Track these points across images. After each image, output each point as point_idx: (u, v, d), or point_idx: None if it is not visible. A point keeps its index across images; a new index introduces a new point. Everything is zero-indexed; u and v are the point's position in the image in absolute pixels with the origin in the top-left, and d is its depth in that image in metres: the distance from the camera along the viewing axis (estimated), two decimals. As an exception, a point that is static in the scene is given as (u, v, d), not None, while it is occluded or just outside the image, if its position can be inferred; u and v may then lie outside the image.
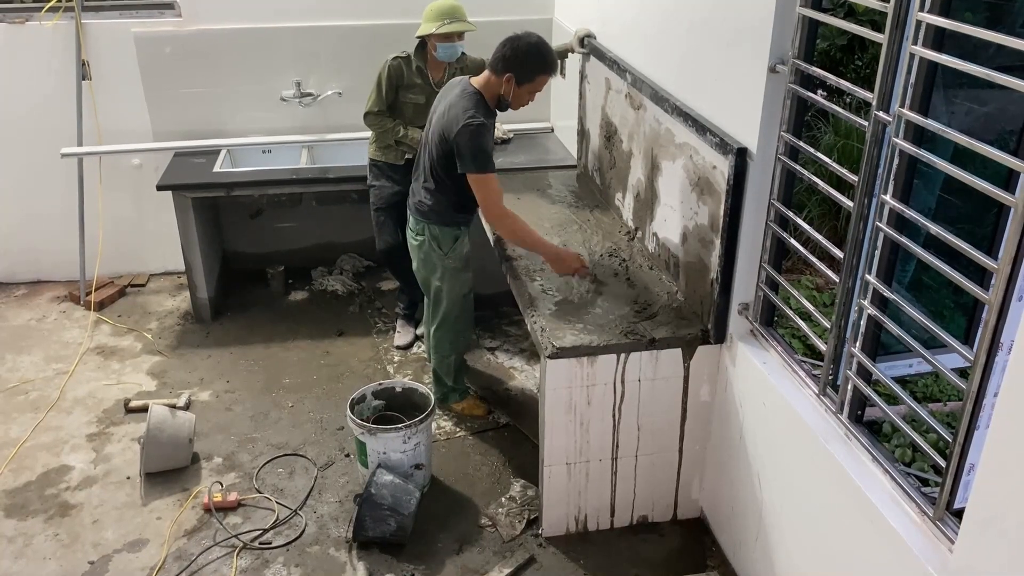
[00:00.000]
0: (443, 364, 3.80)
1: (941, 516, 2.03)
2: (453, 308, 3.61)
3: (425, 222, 3.43)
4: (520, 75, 3.16)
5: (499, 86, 3.19)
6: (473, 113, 3.12)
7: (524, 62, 3.14)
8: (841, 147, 5.06)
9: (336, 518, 3.34)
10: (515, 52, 3.14)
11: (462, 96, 3.19)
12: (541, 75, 3.20)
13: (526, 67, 3.15)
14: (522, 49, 3.14)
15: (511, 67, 3.14)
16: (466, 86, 3.24)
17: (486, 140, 3.14)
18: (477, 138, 3.10)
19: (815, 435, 2.45)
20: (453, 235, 3.47)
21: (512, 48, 3.14)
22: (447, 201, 3.39)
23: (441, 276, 3.53)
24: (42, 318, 4.76)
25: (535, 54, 3.16)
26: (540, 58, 3.18)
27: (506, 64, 3.15)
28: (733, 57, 2.71)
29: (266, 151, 4.80)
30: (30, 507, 3.39)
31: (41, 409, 3.97)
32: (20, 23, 4.50)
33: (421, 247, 3.50)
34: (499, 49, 3.17)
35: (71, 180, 4.74)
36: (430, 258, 3.49)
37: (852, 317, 2.38)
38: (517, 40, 3.15)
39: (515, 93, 3.20)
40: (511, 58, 3.14)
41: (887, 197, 2.16)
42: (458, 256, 3.51)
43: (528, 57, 3.15)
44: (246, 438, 3.78)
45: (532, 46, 3.15)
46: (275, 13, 4.64)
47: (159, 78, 4.66)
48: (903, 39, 2.04)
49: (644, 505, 3.28)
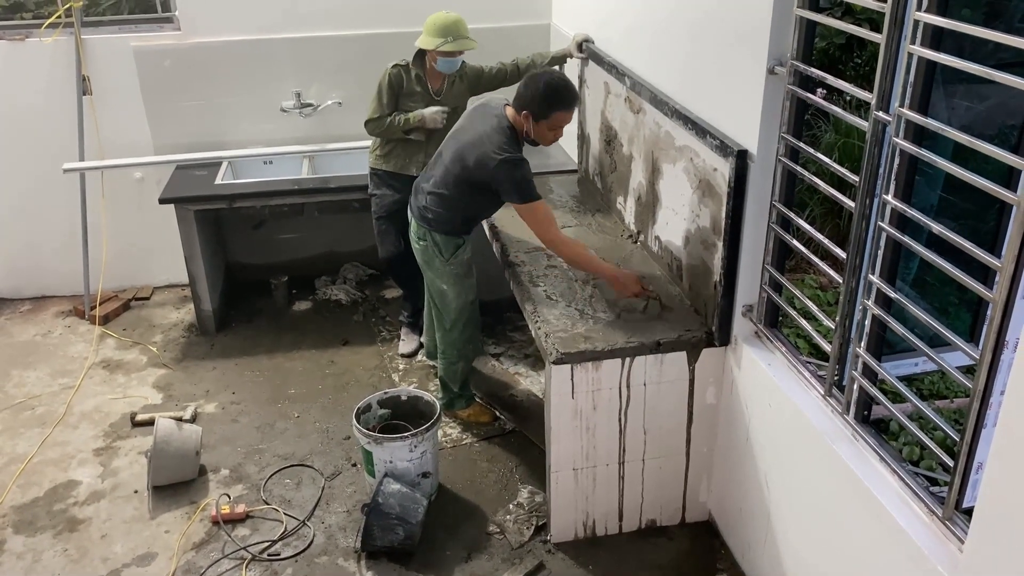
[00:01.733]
0: (450, 370, 3.79)
1: (950, 515, 2.03)
2: (460, 314, 3.62)
3: (427, 228, 3.46)
4: (537, 112, 3.16)
5: (520, 123, 3.23)
6: (507, 148, 3.16)
7: (540, 99, 3.14)
8: (842, 146, 5.06)
9: (344, 528, 3.34)
10: (529, 89, 3.17)
11: (497, 131, 3.21)
12: (558, 112, 3.18)
13: (542, 104, 3.15)
14: (537, 86, 3.15)
15: (527, 104, 3.17)
16: (502, 118, 3.25)
17: (525, 171, 3.19)
18: (516, 171, 3.16)
19: (822, 436, 2.44)
20: (455, 244, 3.49)
21: (528, 85, 3.18)
22: (454, 216, 3.43)
23: (445, 281, 3.55)
24: (47, 333, 4.77)
25: (550, 91, 3.15)
26: (555, 94, 3.16)
27: (521, 102, 3.19)
28: (732, 59, 2.72)
29: (267, 162, 4.81)
30: (38, 523, 3.39)
31: (48, 424, 3.98)
32: (20, 40, 4.52)
33: (425, 251, 3.53)
34: (521, 87, 3.22)
35: (74, 195, 4.75)
36: (433, 263, 3.52)
37: (856, 317, 2.37)
38: (536, 77, 3.19)
39: (535, 130, 3.22)
40: (525, 95, 3.17)
41: (888, 197, 2.16)
42: (460, 263, 3.53)
43: (543, 94, 3.14)
44: (253, 449, 3.79)
45: (548, 83, 3.15)
46: (274, 24, 4.65)
47: (159, 91, 4.67)
48: (901, 38, 2.04)
49: (652, 509, 3.27)
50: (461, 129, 3.39)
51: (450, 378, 3.82)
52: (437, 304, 3.66)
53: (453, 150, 3.35)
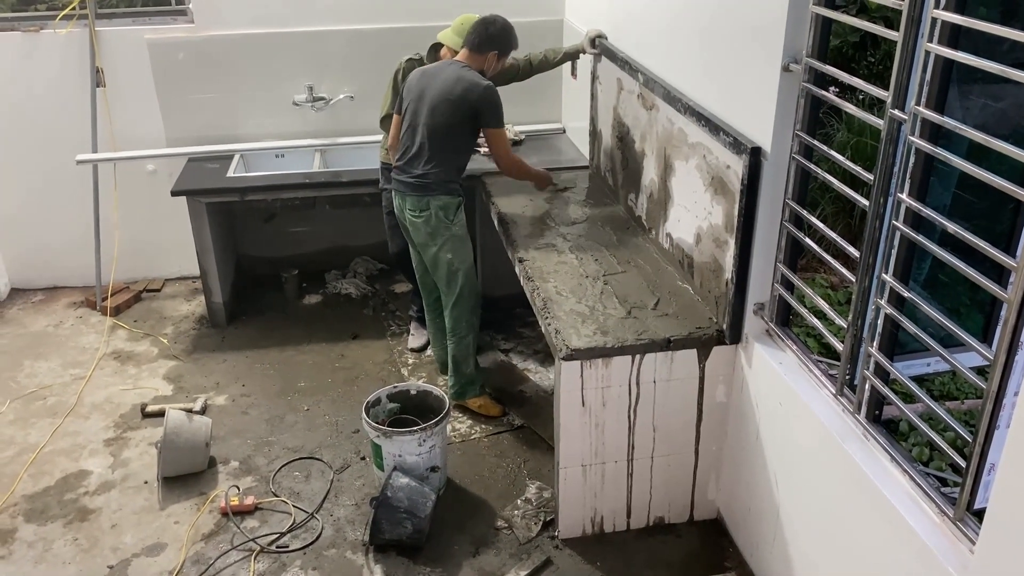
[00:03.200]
0: (461, 345, 3.82)
1: (961, 516, 2.02)
2: (467, 280, 3.72)
3: (429, 196, 3.60)
4: (503, 48, 3.63)
5: (482, 62, 3.60)
6: (483, 78, 3.53)
7: (506, 36, 3.62)
8: (854, 144, 5.04)
9: (352, 521, 3.35)
10: (500, 32, 3.60)
11: (465, 69, 3.55)
12: (514, 49, 3.70)
13: (509, 40, 3.64)
14: (502, 28, 3.60)
15: (497, 45, 3.60)
16: (461, 64, 3.58)
17: (500, 99, 3.55)
18: (496, 96, 3.52)
19: (832, 435, 2.43)
20: (456, 203, 3.66)
21: (497, 30, 3.59)
22: (449, 168, 3.61)
23: (452, 247, 3.66)
24: (59, 324, 4.79)
25: (511, 32, 3.64)
26: (514, 35, 3.66)
27: (492, 42, 3.59)
28: (746, 56, 2.70)
29: (279, 155, 4.82)
30: (50, 512, 3.41)
31: (59, 414, 4.00)
32: (35, 31, 4.54)
33: (428, 222, 3.63)
34: (482, 32, 3.58)
35: (86, 187, 4.77)
36: (438, 230, 3.63)
37: (869, 316, 2.36)
38: (493, 21, 3.60)
39: (497, 67, 3.66)
40: (497, 37, 3.59)
41: (903, 196, 2.15)
42: (461, 224, 3.69)
43: (508, 35, 3.63)
44: (262, 442, 3.80)
45: (507, 25, 3.63)
46: (287, 18, 4.66)
47: (172, 84, 4.68)
48: (918, 36, 2.03)
49: (660, 506, 3.27)
50: (423, 92, 3.57)
51: (462, 356, 3.84)
52: (442, 279, 3.75)
53: (429, 107, 3.54)
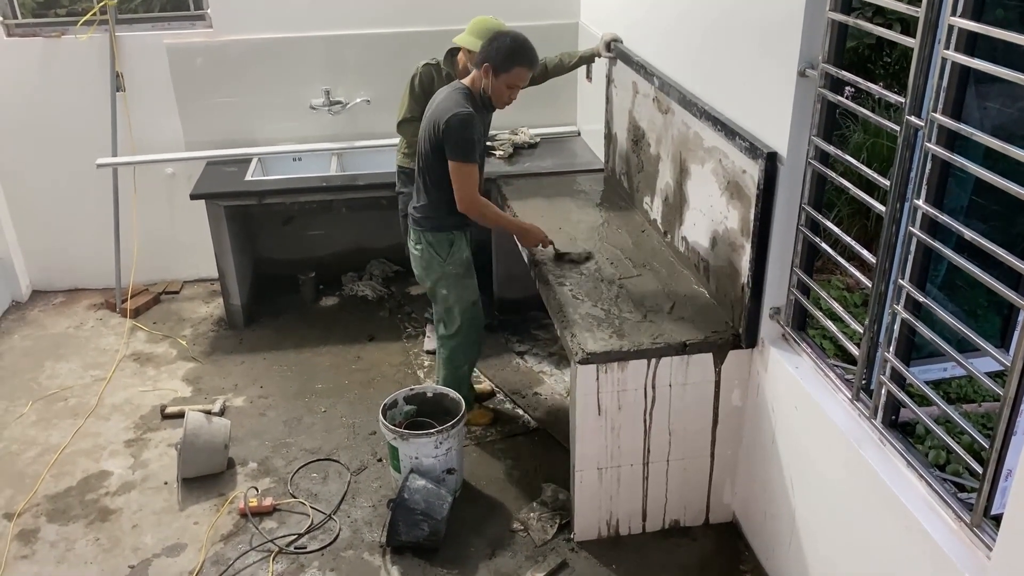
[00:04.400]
0: (455, 375, 3.72)
1: (978, 522, 2.02)
2: (464, 316, 3.57)
3: (420, 230, 3.45)
4: (499, 64, 3.18)
5: (479, 80, 3.25)
6: (463, 104, 3.19)
7: (504, 51, 3.17)
8: (870, 146, 5.03)
9: (370, 523, 3.37)
10: (494, 43, 3.19)
11: (452, 91, 3.28)
12: (519, 67, 3.21)
13: (506, 57, 3.17)
14: (503, 40, 3.19)
15: (489, 57, 3.19)
16: (456, 84, 3.33)
17: (473, 130, 3.19)
18: (464, 128, 3.16)
19: (849, 440, 2.44)
20: (448, 240, 3.44)
21: (493, 40, 3.21)
22: (438, 203, 3.38)
23: (446, 285, 3.51)
24: (79, 325, 4.85)
25: (516, 45, 3.20)
26: (520, 48, 3.20)
27: (484, 55, 3.21)
28: (762, 61, 2.71)
29: (296, 159, 4.86)
30: (71, 512, 3.46)
31: (80, 415, 4.05)
32: (56, 37, 4.60)
33: (422, 256, 3.49)
34: (484, 42, 3.25)
35: (106, 190, 4.83)
36: (432, 266, 3.48)
37: (885, 321, 2.37)
38: (502, 33, 3.25)
39: (494, 86, 3.23)
40: (489, 48, 3.20)
41: (920, 202, 2.15)
42: (457, 262, 3.48)
43: (503, 47, 3.18)
44: (280, 443, 3.83)
45: (511, 39, 3.21)
46: (304, 22, 4.69)
47: (191, 88, 4.73)
48: (935, 43, 2.03)
49: (676, 509, 3.28)
50: (425, 115, 3.38)
51: (455, 383, 3.72)
52: (439, 312, 3.63)
53: (421, 134, 3.35)
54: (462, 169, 3.24)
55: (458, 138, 3.17)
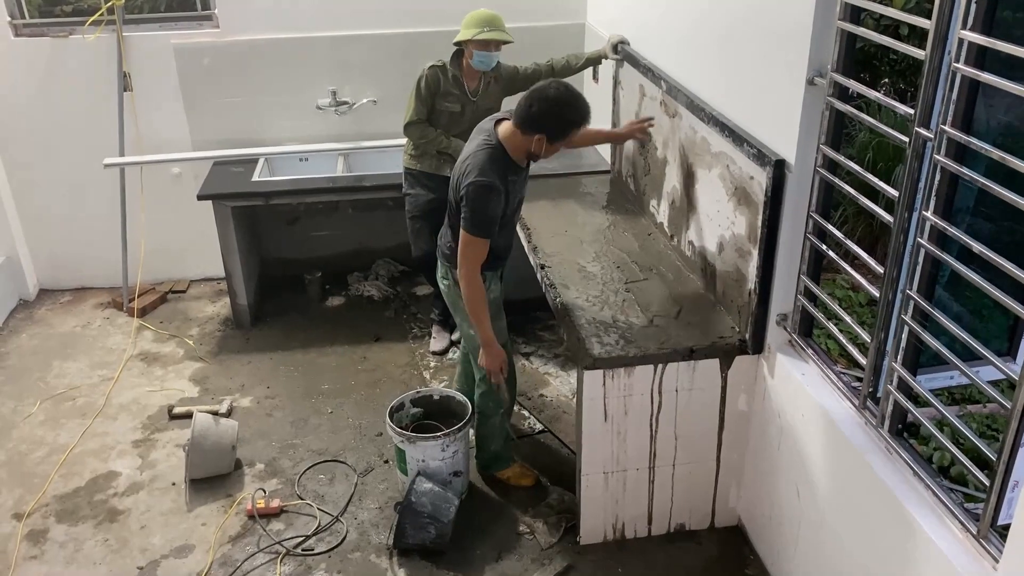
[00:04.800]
0: (487, 425, 3.47)
1: (985, 533, 2.03)
2: None
3: (449, 266, 3.20)
4: (553, 134, 2.88)
5: (528, 143, 2.90)
6: (488, 172, 2.88)
7: (556, 120, 2.86)
8: (876, 144, 5.02)
9: (376, 524, 3.39)
10: (546, 110, 2.83)
11: (482, 148, 2.94)
12: (575, 128, 2.91)
13: (561, 125, 2.88)
14: (552, 106, 2.83)
15: (542, 127, 2.85)
16: (490, 136, 2.96)
17: (491, 203, 2.91)
18: (481, 199, 2.89)
19: (855, 448, 2.45)
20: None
21: (541, 106, 2.83)
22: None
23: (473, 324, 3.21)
24: (87, 325, 4.87)
25: (566, 108, 2.86)
26: (573, 112, 2.88)
27: (536, 125, 2.85)
28: (771, 68, 2.71)
29: (303, 159, 4.87)
30: (80, 512, 3.48)
31: (88, 415, 4.07)
32: (64, 37, 4.61)
33: (449, 292, 3.29)
34: (526, 106, 2.85)
35: (114, 189, 4.84)
36: (458, 305, 3.22)
37: (892, 330, 2.37)
38: (544, 95, 2.84)
39: (548, 150, 2.93)
40: (539, 116, 2.84)
41: (928, 213, 2.15)
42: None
43: (560, 114, 2.86)
44: (287, 444, 3.85)
45: (562, 102, 2.84)
46: (311, 22, 4.70)
47: (198, 88, 4.74)
48: (944, 55, 2.03)
49: (681, 513, 3.29)
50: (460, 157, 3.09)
51: (488, 434, 3.50)
52: (471, 353, 3.38)
53: (452, 176, 3.09)
54: (470, 241, 2.95)
55: (473, 208, 2.90)
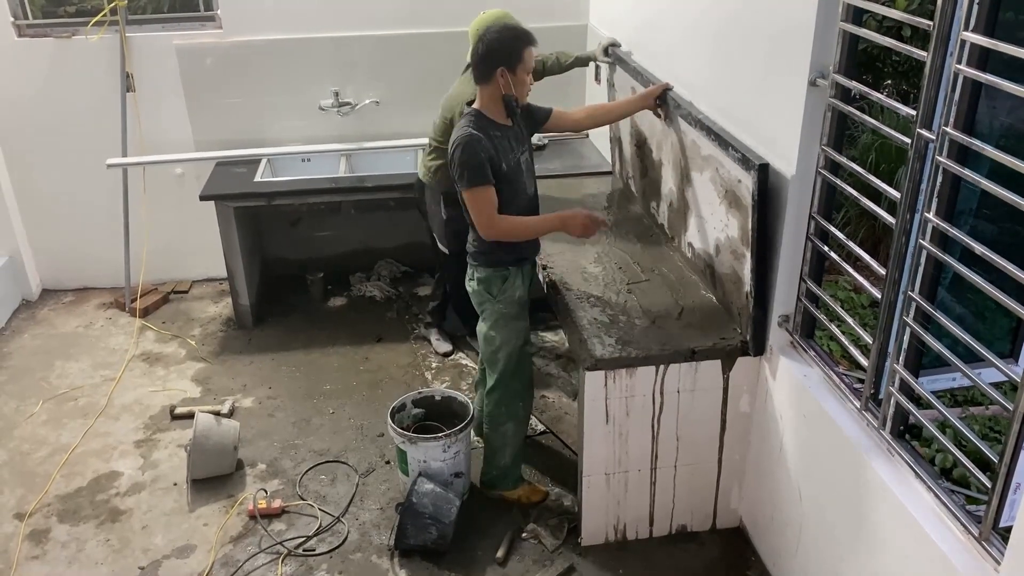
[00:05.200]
0: (496, 434, 3.36)
1: (987, 535, 2.03)
2: (508, 363, 3.23)
3: (474, 265, 3.17)
4: (508, 60, 2.91)
5: (496, 90, 2.95)
6: (462, 129, 2.94)
7: (505, 47, 2.91)
8: (879, 146, 5.02)
9: (378, 525, 3.39)
10: (490, 45, 2.91)
11: (460, 118, 3.05)
12: (525, 46, 2.93)
13: (509, 51, 2.91)
14: (493, 38, 2.92)
15: (495, 61, 2.90)
16: (464, 110, 3.07)
17: (473, 150, 2.89)
18: (464, 151, 2.89)
19: (857, 450, 2.45)
20: (501, 276, 3.12)
21: (485, 45, 2.92)
22: (479, 238, 3.09)
23: (495, 324, 3.18)
24: (89, 325, 4.87)
25: (508, 33, 2.95)
26: (512, 33, 2.95)
27: (490, 62, 2.91)
28: (772, 70, 2.71)
29: (305, 160, 4.87)
30: (82, 512, 3.49)
31: (90, 415, 4.08)
32: (67, 38, 4.61)
33: (474, 293, 3.22)
34: (474, 58, 2.97)
35: (116, 190, 4.85)
36: (483, 303, 3.19)
37: (894, 332, 2.37)
38: (483, 37, 2.94)
39: (515, 82, 2.94)
40: (491, 53, 2.91)
41: (930, 215, 2.15)
42: (510, 300, 3.15)
43: (504, 41, 2.92)
44: (288, 444, 3.85)
45: (501, 30, 2.96)
46: (313, 23, 4.70)
47: (200, 89, 4.75)
48: (946, 56, 2.03)
49: (683, 514, 3.29)
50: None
51: (497, 445, 3.38)
52: (485, 356, 3.30)
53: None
54: (472, 195, 2.93)
55: (460, 164, 2.91)
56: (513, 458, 3.42)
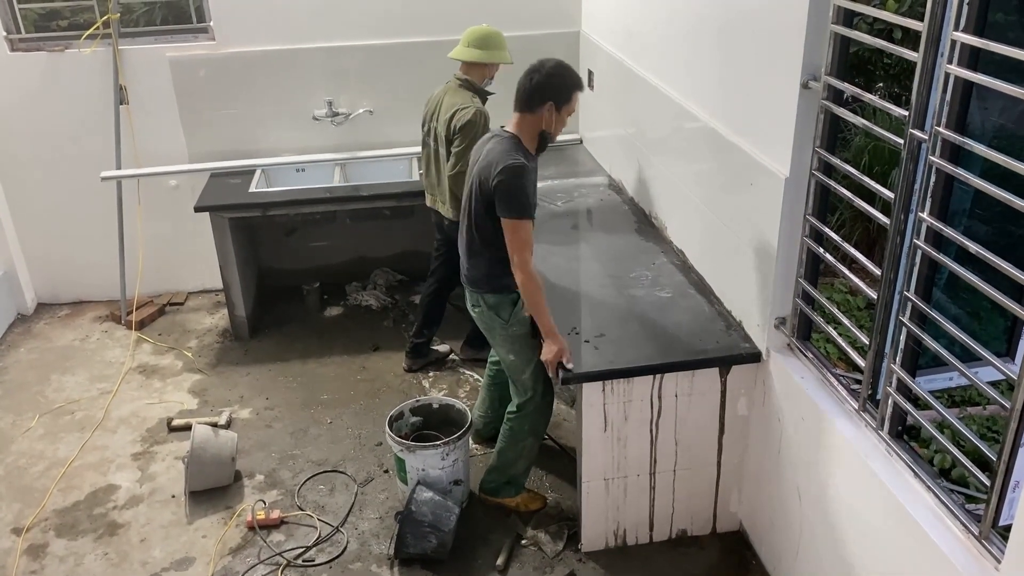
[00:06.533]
0: (516, 448, 3.34)
1: (987, 534, 2.03)
2: (537, 381, 3.21)
3: (478, 292, 3.13)
4: (559, 99, 2.94)
5: (538, 122, 2.96)
6: (514, 155, 2.90)
7: (560, 84, 2.94)
8: (872, 149, 5.04)
9: (377, 534, 3.38)
10: (548, 78, 2.92)
11: (500, 142, 2.98)
12: (576, 91, 2.99)
13: (562, 88, 2.95)
14: (552, 72, 2.93)
15: (546, 95, 2.92)
16: (501, 133, 3.02)
17: (527, 183, 2.91)
18: (517, 179, 2.87)
19: (856, 451, 2.45)
20: (510, 300, 3.10)
21: (542, 76, 2.93)
22: (492, 261, 3.04)
23: (512, 348, 3.16)
24: (85, 338, 4.86)
25: (565, 72, 2.97)
26: (571, 74, 2.99)
27: (542, 94, 2.92)
28: (764, 74, 2.72)
29: (300, 170, 4.87)
30: (79, 526, 3.47)
31: (87, 429, 4.06)
32: (60, 51, 4.62)
33: (481, 318, 3.19)
34: (527, 85, 2.94)
35: (111, 202, 4.84)
36: (493, 328, 3.16)
37: (890, 333, 2.37)
38: (540, 68, 2.94)
39: (557, 121, 2.99)
40: (546, 86, 2.92)
41: (924, 214, 2.16)
42: (523, 321, 3.12)
43: (561, 77, 2.95)
44: (286, 455, 3.84)
45: (558, 66, 2.96)
46: (306, 34, 4.71)
47: (194, 101, 4.75)
48: (937, 56, 2.04)
49: (683, 519, 3.28)
50: (472, 168, 3.09)
51: (511, 457, 3.36)
52: (510, 379, 3.28)
53: (469, 189, 3.05)
54: (517, 227, 2.89)
55: (510, 191, 2.86)
56: (525, 471, 3.44)
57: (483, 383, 3.79)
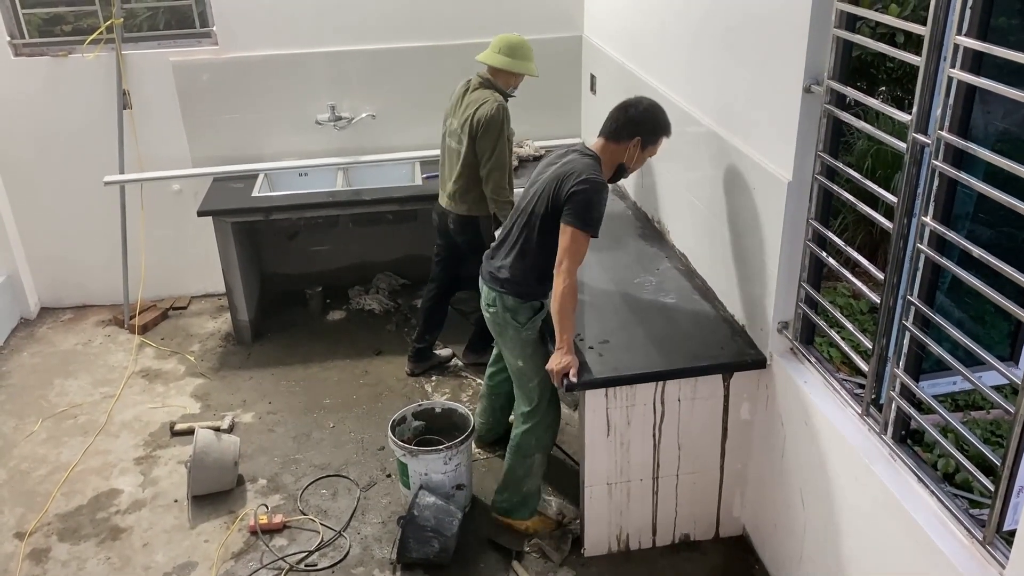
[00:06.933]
0: (523, 465, 3.28)
1: (991, 539, 2.02)
2: (543, 392, 3.18)
3: (500, 292, 3.08)
4: (648, 138, 2.97)
5: (621, 153, 2.97)
6: (598, 171, 2.90)
7: (653, 125, 2.97)
8: (875, 152, 5.04)
9: (379, 539, 3.38)
10: (643, 115, 2.95)
11: (583, 157, 2.95)
12: (664, 136, 3.02)
13: (655, 129, 2.97)
14: (648, 110, 2.96)
15: (641, 131, 2.94)
16: (584, 150, 3.00)
17: (603, 201, 2.88)
18: (597, 194, 2.85)
19: (859, 455, 2.44)
20: (532, 308, 3.09)
21: (639, 112, 2.95)
22: (532, 268, 3.03)
23: (523, 353, 3.14)
24: (88, 342, 4.87)
25: (660, 114, 2.99)
26: (665, 118, 3.00)
27: (635, 128, 2.94)
28: (766, 78, 2.72)
29: (302, 174, 4.88)
30: (82, 531, 3.47)
31: (90, 433, 4.06)
32: (63, 56, 4.63)
33: (494, 319, 3.15)
34: (620, 116, 2.96)
35: (114, 207, 4.85)
36: (506, 331, 3.13)
37: (894, 337, 2.37)
38: (637, 104, 2.97)
39: (639, 157, 3.00)
40: (640, 122, 2.94)
41: (927, 219, 2.16)
42: (536, 329, 3.13)
43: (655, 119, 2.97)
44: (289, 459, 3.84)
45: (655, 107, 2.98)
46: (309, 38, 4.72)
47: (197, 105, 4.76)
48: (940, 61, 2.04)
49: (686, 523, 3.28)
50: (537, 177, 3.05)
51: (521, 474, 3.30)
52: (516, 388, 3.27)
53: (533, 194, 2.99)
54: (578, 238, 2.85)
55: (585, 204, 2.83)
56: (537, 489, 3.37)
57: (482, 391, 3.79)
